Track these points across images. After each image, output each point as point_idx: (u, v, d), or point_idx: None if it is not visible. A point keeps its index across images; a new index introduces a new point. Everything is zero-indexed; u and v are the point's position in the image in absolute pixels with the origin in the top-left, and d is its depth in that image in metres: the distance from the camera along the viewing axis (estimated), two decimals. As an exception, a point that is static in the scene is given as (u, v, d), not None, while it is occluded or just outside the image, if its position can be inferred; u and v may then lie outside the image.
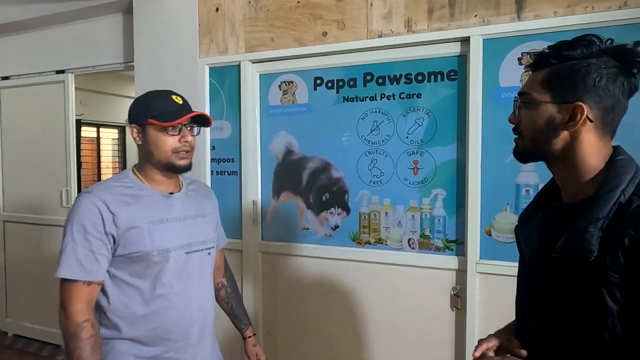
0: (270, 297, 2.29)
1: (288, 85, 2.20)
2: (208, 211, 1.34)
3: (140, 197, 1.18)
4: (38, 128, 3.16)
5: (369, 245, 2.07)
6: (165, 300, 1.17)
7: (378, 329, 2.05)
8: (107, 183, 1.20)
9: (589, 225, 0.73)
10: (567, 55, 0.77)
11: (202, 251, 1.26)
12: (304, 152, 2.18)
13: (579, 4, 1.64)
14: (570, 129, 0.78)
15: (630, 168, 0.76)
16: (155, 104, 1.17)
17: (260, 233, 2.29)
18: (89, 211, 1.11)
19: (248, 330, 1.48)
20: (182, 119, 1.16)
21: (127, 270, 1.15)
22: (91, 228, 1.10)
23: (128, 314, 1.15)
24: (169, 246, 1.17)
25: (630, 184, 0.74)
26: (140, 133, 1.19)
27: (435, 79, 1.91)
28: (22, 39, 3.17)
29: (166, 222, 1.19)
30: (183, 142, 1.18)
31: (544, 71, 0.80)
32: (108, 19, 2.81)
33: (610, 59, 0.76)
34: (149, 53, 2.48)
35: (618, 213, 0.72)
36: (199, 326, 1.24)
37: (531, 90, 0.82)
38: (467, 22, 1.81)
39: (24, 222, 3.26)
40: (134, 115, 1.21)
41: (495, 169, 1.78)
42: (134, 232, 1.13)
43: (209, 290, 1.31)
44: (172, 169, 1.20)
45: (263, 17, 2.19)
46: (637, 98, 1.60)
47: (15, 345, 3.25)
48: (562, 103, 0.78)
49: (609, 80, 0.75)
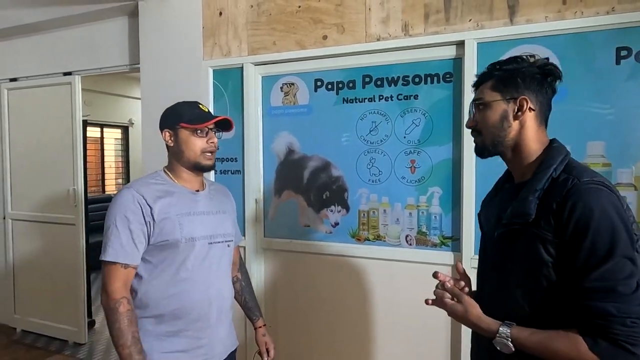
0: (272, 292, 2.36)
1: (289, 87, 2.27)
2: (228, 209, 1.49)
3: (171, 192, 1.34)
4: (45, 128, 3.23)
5: (368, 242, 2.13)
6: (188, 283, 1.30)
7: (377, 322, 2.11)
8: (144, 180, 1.36)
9: (529, 194, 0.94)
10: (506, 67, 1.02)
11: (222, 243, 1.41)
12: (305, 152, 2.25)
13: (568, 9, 1.71)
14: (519, 118, 0.99)
15: (561, 151, 0.97)
16: (186, 111, 1.35)
17: (263, 230, 2.36)
18: (130, 203, 1.27)
19: (259, 321, 1.60)
20: (210, 123, 1.34)
21: (157, 255, 1.30)
22: (132, 217, 1.26)
23: (155, 293, 1.29)
24: (195, 236, 1.32)
25: (561, 163, 0.95)
26: (172, 136, 1.36)
27: (432, 81, 1.97)
28: (29, 41, 3.24)
29: (193, 215, 1.34)
30: (210, 142, 1.35)
31: (490, 81, 1.03)
32: (114, 22, 2.88)
33: (535, 68, 1.00)
34: (154, 55, 2.55)
35: (551, 185, 0.93)
36: (217, 308, 1.37)
37: (483, 95, 1.04)
38: (462, 26, 1.87)
39: (32, 220, 3.34)
40: (167, 121, 1.37)
41: (489, 167, 1.84)
42: (166, 223, 1.28)
43: (227, 278, 1.44)
44: (199, 168, 1.36)
45: (265, 21, 2.26)
46: (620, 99, 1.66)
47: (24, 341, 3.32)
48: (511, 99, 1.00)
49: (538, 83, 0.99)
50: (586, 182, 0.88)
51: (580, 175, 0.90)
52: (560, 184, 0.91)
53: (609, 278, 0.83)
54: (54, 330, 3.31)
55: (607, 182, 0.90)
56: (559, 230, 0.89)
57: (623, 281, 0.83)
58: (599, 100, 1.67)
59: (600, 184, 0.89)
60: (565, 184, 0.90)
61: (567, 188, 0.89)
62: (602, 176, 0.92)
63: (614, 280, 0.83)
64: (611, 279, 0.83)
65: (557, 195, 0.90)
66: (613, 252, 0.84)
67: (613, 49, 1.65)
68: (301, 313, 2.29)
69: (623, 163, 1.67)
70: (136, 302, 1.29)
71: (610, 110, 1.67)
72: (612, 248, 0.84)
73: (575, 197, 0.87)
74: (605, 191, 0.88)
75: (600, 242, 0.84)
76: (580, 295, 0.85)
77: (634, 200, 1.65)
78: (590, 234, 0.85)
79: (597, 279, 0.84)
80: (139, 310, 1.29)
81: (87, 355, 3.10)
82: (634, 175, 1.66)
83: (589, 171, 0.93)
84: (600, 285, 0.83)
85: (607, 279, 0.83)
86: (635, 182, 1.66)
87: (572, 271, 0.87)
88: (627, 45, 1.64)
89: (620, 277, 0.83)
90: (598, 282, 0.83)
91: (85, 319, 3.21)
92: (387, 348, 2.09)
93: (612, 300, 0.82)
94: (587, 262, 0.85)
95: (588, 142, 1.68)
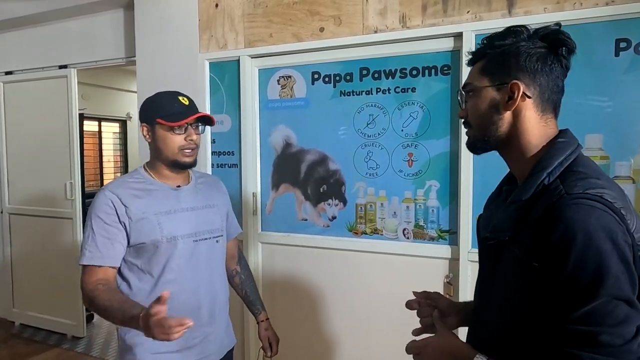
0: (269, 285, 2.36)
1: (286, 79, 2.25)
2: (217, 202, 1.42)
3: (150, 190, 1.29)
4: (42, 122, 3.22)
5: (365, 236, 2.13)
6: (175, 284, 1.26)
7: (374, 315, 2.11)
8: (122, 179, 1.32)
9: (512, 205, 0.79)
10: (499, 44, 0.82)
11: (210, 239, 1.35)
12: (302, 145, 2.24)
13: (567, 1, 1.69)
14: (511, 107, 0.81)
15: (564, 151, 0.78)
16: (164, 104, 1.28)
17: (260, 224, 2.36)
18: (103, 204, 1.23)
19: (261, 314, 1.57)
20: (188, 120, 1.26)
21: (140, 258, 1.27)
22: (107, 218, 1.23)
23: (142, 297, 1.25)
24: (177, 234, 1.27)
25: (559, 166, 0.76)
26: (149, 131, 1.30)
27: (429, 73, 1.96)
28: (25, 34, 3.22)
29: (174, 213, 1.29)
30: (189, 140, 1.28)
31: (481, 61, 0.85)
32: (109, 14, 2.86)
33: (538, 41, 0.81)
34: (150, 48, 2.53)
35: (540, 194, 0.75)
36: (208, 309, 1.33)
37: (472, 80, 0.86)
38: (460, 18, 1.86)
39: (29, 214, 3.34)
40: (144, 115, 1.31)
41: (487, 161, 1.83)
42: (144, 223, 1.24)
43: (218, 275, 1.40)
44: (178, 165, 1.30)
45: (261, 13, 2.24)
46: (619, 91, 1.65)
47: (22, 334, 3.33)
48: (500, 85, 0.81)
49: (538, 60, 0.79)
50: (576, 195, 0.69)
51: (572, 186, 0.71)
52: (547, 196, 0.74)
53: (591, 323, 0.66)
54: (52, 323, 3.32)
55: (608, 197, 0.70)
56: (537, 253, 0.72)
57: (610, 329, 0.65)
58: (597, 92, 1.66)
59: (596, 198, 0.69)
60: (551, 196, 0.72)
61: (551, 202, 0.71)
62: (609, 187, 0.72)
63: (597, 327, 0.65)
64: (594, 324, 0.66)
65: (540, 209, 0.73)
66: (598, 289, 0.66)
67: (612, 41, 1.63)
68: (298, 306, 2.29)
69: (621, 156, 1.66)
70: None
71: (609, 102, 1.66)
72: (597, 284, 0.66)
73: (556, 214, 0.69)
74: (598, 209, 0.68)
75: (583, 276, 0.66)
76: (559, 337, 0.69)
77: (632, 194, 1.65)
78: (571, 264, 0.67)
79: (577, 321, 0.67)
80: None
81: (85, 348, 3.11)
82: (632, 168, 1.65)
83: (589, 179, 0.73)
84: (580, 330, 0.67)
85: (588, 323, 0.66)
86: (633, 175, 1.65)
87: (553, 306, 0.71)
88: (626, 37, 1.62)
89: (607, 322, 0.65)
90: (578, 325, 0.67)
91: (83, 313, 3.22)
92: (384, 341, 2.09)
93: (593, 351, 0.65)
94: (568, 299, 0.68)
95: (586, 134, 1.67)
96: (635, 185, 1.65)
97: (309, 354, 2.28)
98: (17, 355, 3.02)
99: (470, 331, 0.94)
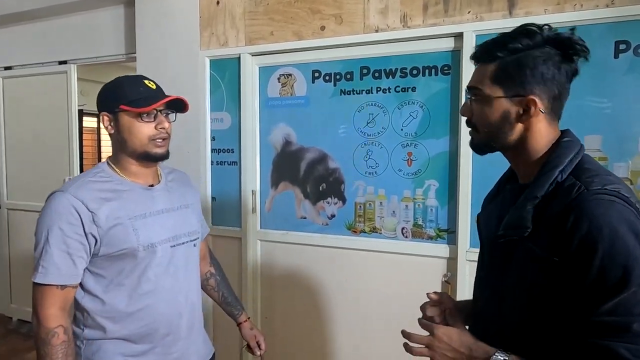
0: (268, 283, 2.36)
1: (287, 78, 2.25)
2: (190, 201, 1.28)
3: (120, 191, 1.12)
4: (41, 118, 3.22)
5: (364, 234, 2.14)
6: (152, 296, 1.13)
7: (372, 314, 2.12)
8: (83, 179, 1.12)
9: (527, 202, 0.78)
10: (513, 47, 0.80)
11: (188, 243, 1.22)
12: (302, 144, 2.24)
13: (568, 2, 1.70)
14: (524, 121, 0.81)
15: (571, 149, 0.80)
16: (127, 89, 1.10)
17: (259, 222, 2.36)
18: (66, 212, 1.04)
19: (242, 315, 1.46)
20: (157, 104, 1.09)
21: (111, 268, 1.10)
22: (69, 229, 1.04)
23: (114, 313, 1.10)
24: (155, 241, 1.13)
25: (570, 163, 0.78)
26: (112, 121, 1.13)
27: (430, 73, 1.96)
28: (25, 29, 3.21)
29: (149, 217, 1.14)
30: (160, 129, 1.12)
31: (492, 65, 0.82)
32: (110, 10, 2.85)
33: (552, 48, 0.79)
34: (151, 45, 2.52)
35: (554, 191, 0.77)
36: (188, 319, 1.21)
37: (482, 85, 0.83)
38: (461, 18, 1.86)
39: (28, 210, 3.33)
40: (104, 102, 1.13)
41: (486, 161, 1.83)
42: (118, 230, 1.08)
43: (196, 283, 1.28)
44: (148, 157, 1.13)
45: (262, 10, 2.24)
46: (618, 92, 1.65)
47: (20, 330, 3.33)
48: (515, 97, 0.80)
49: (554, 70, 0.79)
50: (595, 191, 0.72)
51: (590, 182, 0.73)
52: (564, 191, 0.75)
53: (622, 313, 0.67)
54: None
55: (623, 192, 0.73)
56: (558, 249, 0.73)
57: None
58: (596, 94, 1.67)
59: (614, 194, 0.72)
60: (569, 192, 0.74)
61: (571, 198, 0.73)
62: (619, 182, 0.75)
63: (629, 316, 0.67)
64: (625, 314, 0.67)
65: (559, 205, 0.74)
66: (628, 280, 0.67)
67: (612, 43, 1.64)
68: (297, 304, 2.29)
69: (620, 157, 1.67)
70: (90, 324, 1.11)
71: (607, 104, 1.66)
72: (626, 276, 0.67)
73: (579, 210, 0.71)
74: (618, 204, 0.71)
75: (612, 269, 0.68)
76: (586, 330, 0.70)
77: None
78: (599, 258, 0.68)
79: (607, 313, 0.68)
80: (95, 332, 1.11)
81: (83, 344, 3.11)
82: (630, 169, 1.66)
83: (603, 176, 0.75)
84: (611, 321, 0.68)
85: (620, 313, 0.67)
86: (631, 176, 1.66)
87: (577, 300, 0.72)
88: (626, 39, 1.63)
89: (637, 311, 0.67)
90: (609, 316, 0.68)
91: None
92: (382, 339, 2.10)
93: (626, 340, 0.66)
94: (596, 293, 0.69)
95: (585, 136, 1.68)
96: (633, 186, 1.66)
97: (307, 352, 2.28)
98: (15, 350, 3.02)
99: (471, 329, 0.94)
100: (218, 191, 2.43)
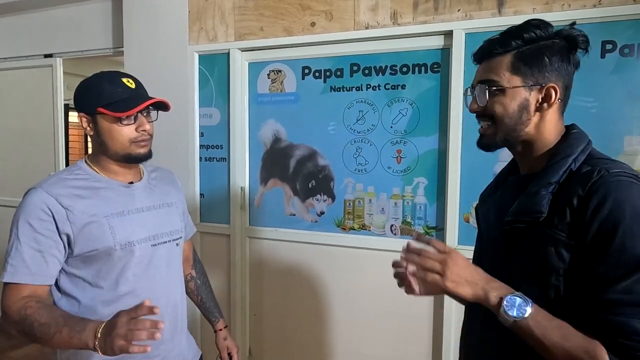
0: (257, 280, 2.35)
1: (277, 74, 2.24)
2: (174, 200, 1.25)
3: (96, 189, 1.09)
4: (26, 112, 3.16)
5: (353, 231, 2.14)
6: (131, 298, 1.08)
7: (361, 310, 2.13)
8: (58, 176, 1.10)
9: (540, 189, 0.79)
10: (529, 38, 0.81)
11: (169, 242, 1.18)
12: (292, 140, 2.23)
13: (556, 2, 1.71)
14: (543, 110, 0.82)
15: (582, 140, 0.83)
16: (105, 89, 1.05)
17: (248, 218, 2.35)
18: (37, 208, 1.01)
19: (219, 322, 1.43)
20: (137, 109, 1.05)
21: (87, 269, 1.07)
22: (40, 226, 1.01)
23: (92, 315, 1.04)
24: (132, 239, 1.09)
25: (582, 153, 0.80)
26: (90, 123, 1.08)
27: (419, 70, 1.97)
28: (9, 21, 3.14)
29: (128, 214, 1.10)
30: (141, 131, 1.08)
31: (508, 56, 0.82)
32: (97, 3, 2.80)
33: (562, 40, 0.82)
34: (139, 39, 2.49)
35: (568, 178, 0.78)
36: (170, 322, 1.17)
37: (498, 77, 0.83)
38: (451, 16, 1.87)
39: (13, 206, 3.26)
40: (81, 103, 1.09)
41: (474, 158, 1.86)
42: (93, 227, 1.04)
43: (179, 284, 1.24)
44: (131, 159, 1.11)
45: (252, 6, 2.22)
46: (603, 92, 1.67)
47: (3, 328, 3.27)
48: (534, 85, 0.81)
49: (564, 60, 0.82)
50: (617, 173, 0.75)
51: (609, 168, 0.76)
52: (582, 177, 0.77)
53: (639, 290, 0.69)
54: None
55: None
56: (578, 231, 0.75)
57: None
58: (583, 93, 1.69)
59: (633, 177, 0.75)
60: (589, 177, 0.76)
61: (593, 180, 0.75)
62: (633, 169, 0.78)
63: None
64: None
65: (579, 189, 0.75)
66: None
67: (598, 43, 1.66)
68: (286, 301, 2.29)
69: (605, 156, 1.69)
70: None
71: (594, 103, 1.68)
72: None
73: (602, 191, 0.73)
74: (638, 185, 0.74)
75: (631, 247, 0.70)
76: (600, 307, 0.72)
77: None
78: (619, 236, 0.71)
79: (624, 291, 0.70)
80: None
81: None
82: (615, 168, 1.68)
83: (617, 163, 0.79)
84: (627, 299, 0.69)
85: (637, 291, 0.69)
86: (616, 175, 1.69)
87: (591, 279, 0.73)
88: (612, 39, 1.65)
89: None
90: (625, 294, 0.70)
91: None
92: (372, 335, 2.11)
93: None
94: (613, 270, 0.71)
95: (571, 134, 1.70)
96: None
97: (297, 350, 2.28)
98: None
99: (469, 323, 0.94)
100: (206, 188, 2.41)
